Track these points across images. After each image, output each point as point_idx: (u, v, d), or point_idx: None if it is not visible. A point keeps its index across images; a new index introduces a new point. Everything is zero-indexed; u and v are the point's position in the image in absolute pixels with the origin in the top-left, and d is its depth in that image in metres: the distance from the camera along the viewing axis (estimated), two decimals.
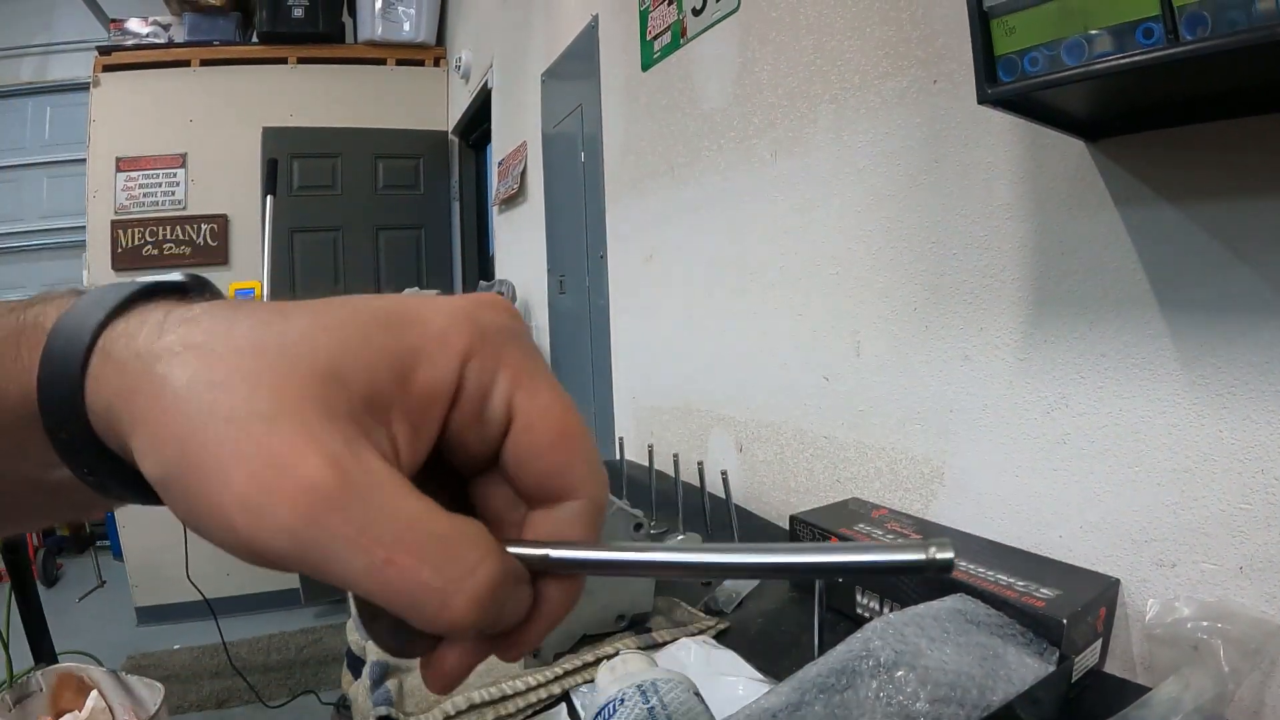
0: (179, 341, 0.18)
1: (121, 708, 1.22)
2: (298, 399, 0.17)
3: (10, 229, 4.59)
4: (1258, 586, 0.64)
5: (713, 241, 1.48)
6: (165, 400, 0.17)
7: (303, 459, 0.17)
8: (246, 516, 0.17)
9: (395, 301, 0.20)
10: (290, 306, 0.19)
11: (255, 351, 0.18)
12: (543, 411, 0.20)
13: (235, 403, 0.17)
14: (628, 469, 1.50)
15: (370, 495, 0.17)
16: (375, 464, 0.18)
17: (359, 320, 0.19)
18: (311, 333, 0.18)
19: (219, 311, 0.19)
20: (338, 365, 0.18)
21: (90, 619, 3.46)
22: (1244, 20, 0.46)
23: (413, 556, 0.17)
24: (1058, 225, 0.80)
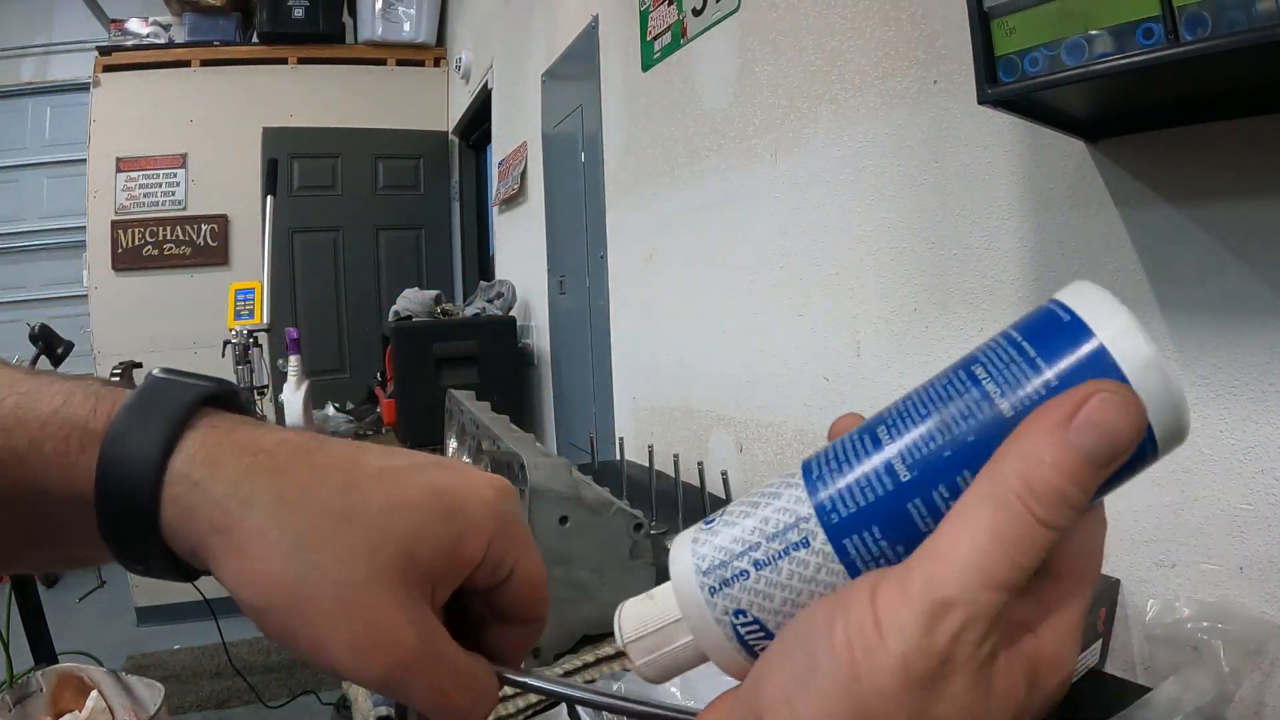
0: (272, 493, 0.23)
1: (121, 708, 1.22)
2: (387, 570, 0.23)
3: (10, 229, 4.58)
4: (1258, 586, 0.64)
5: (713, 242, 1.48)
6: (276, 551, 0.22)
7: (395, 624, 0.23)
8: (351, 660, 0.22)
9: (446, 486, 0.25)
10: (358, 470, 0.24)
11: (345, 520, 0.23)
12: (532, 571, 0.28)
13: (340, 568, 0.22)
14: (628, 469, 1.50)
15: (438, 655, 0.24)
16: (435, 624, 0.24)
17: (424, 506, 0.24)
18: (389, 510, 0.24)
19: (297, 462, 0.24)
20: (411, 546, 0.23)
21: (90, 619, 3.46)
22: (1244, 20, 0.46)
23: (458, 690, 0.25)
24: (1058, 225, 0.80)
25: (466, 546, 0.25)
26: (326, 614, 0.22)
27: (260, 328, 2.29)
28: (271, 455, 0.23)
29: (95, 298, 3.65)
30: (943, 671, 0.17)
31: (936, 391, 0.20)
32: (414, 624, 0.23)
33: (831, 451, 0.21)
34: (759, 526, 0.21)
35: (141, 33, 3.86)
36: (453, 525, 0.24)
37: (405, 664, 0.23)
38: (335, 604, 0.22)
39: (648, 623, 0.23)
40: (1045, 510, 0.17)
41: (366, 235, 3.96)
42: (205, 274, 3.72)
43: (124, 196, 3.67)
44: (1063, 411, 0.18)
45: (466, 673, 0.25)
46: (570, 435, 2.47)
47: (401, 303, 2.77)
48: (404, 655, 0.23)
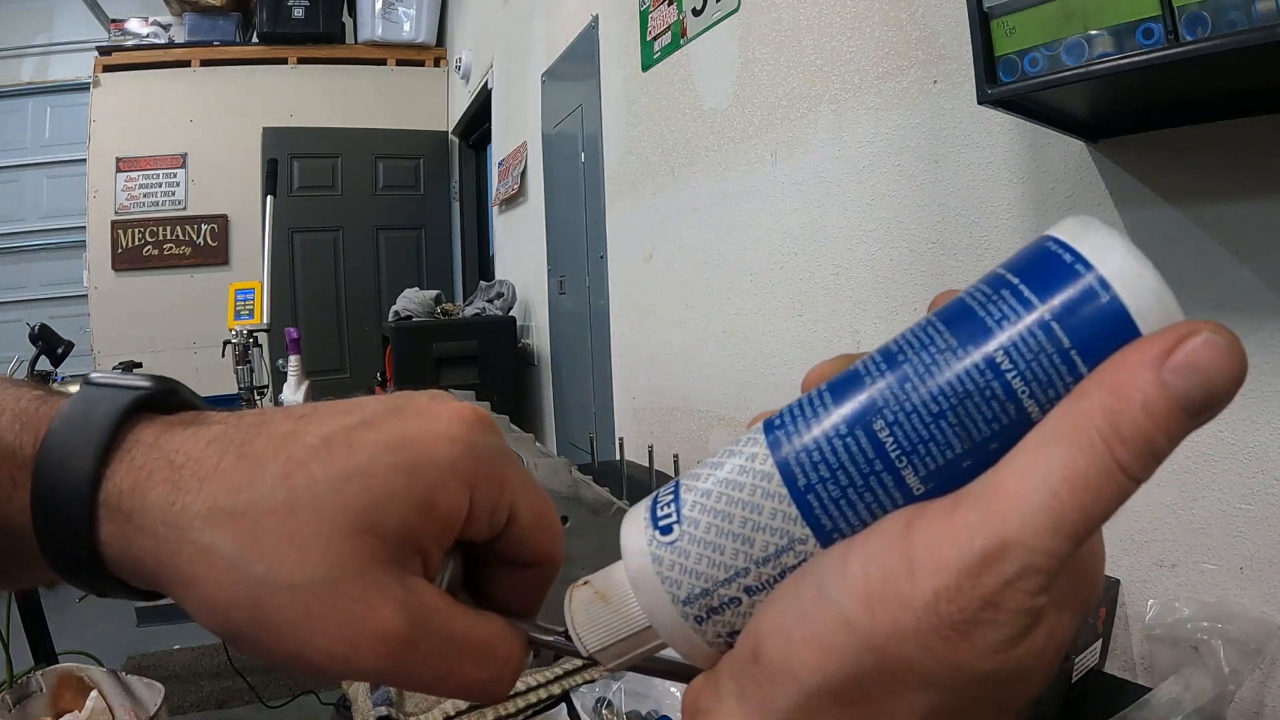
0: (203, 505, 0.20)
1: (121, 708, 1.22)
2: (350, 557, 0.20)
3: (10, 229, 4.58)
4: (1258, 586, 0.64)
5: (713, 242, 1.48)
6: (219, 572, 0.20)
7: (373, 613, 0.20)
8: (335, 665, 0.20)
9: (400, 430, 0.21)
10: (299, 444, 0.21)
11: (288, 511, 0.20)
12: (536, 510, 0.24)
13: (292, 570, 0.19)
14: (628, 469, 1.50)
15: (433, 627, 0.21)
16: (427, 595, 0.21)
17: (377, 467, 0.20)
18: (337, 485, 0.20)
19: (229, 458, 0.21)
20: (372, 517, 0.20)
21: (90, 619, 3.45)
22: (1244, 21, 0.46)
23: (467, 664, 0.22)
24: None
25: (443, 501, 0.21)
26: (293, 624, 0.20)
27: (260, 328, 2.29)
28: (200, 462, 0.21)
29: (95, 298, 3.65)
30: (982, 618, 0.15)
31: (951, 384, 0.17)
32: (397, 605, 0.20)
33: (817, 449, 0.18)
34: (742, 549, 0.18)
35: (141, 33, 3.86)
36: (419, 481, 0.21)
37: (397, 652, 0.20)
38: (300, 611, 0.19)
39: (614, 631, 0.21)
40: (1129, 456, 0.16)
41: (366, 235, 3.96)
42: (205, 274, 3.73)
43: (124, 196, 3.67)
44: (1159, 348, 0.15)
45: (476, 643, 0.22)
46: (570, 435, 2.47)
47: (401, 303, 2.77)
48: (393, 643, 0.20)
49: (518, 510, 0.24)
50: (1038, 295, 0.16)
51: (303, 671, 0.21)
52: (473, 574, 0.25)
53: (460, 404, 0.23)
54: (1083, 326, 0.16)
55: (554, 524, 0.25)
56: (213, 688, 2.74)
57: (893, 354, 0.18)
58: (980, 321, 0.17)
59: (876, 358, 0.18)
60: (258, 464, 0.20)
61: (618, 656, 0.22)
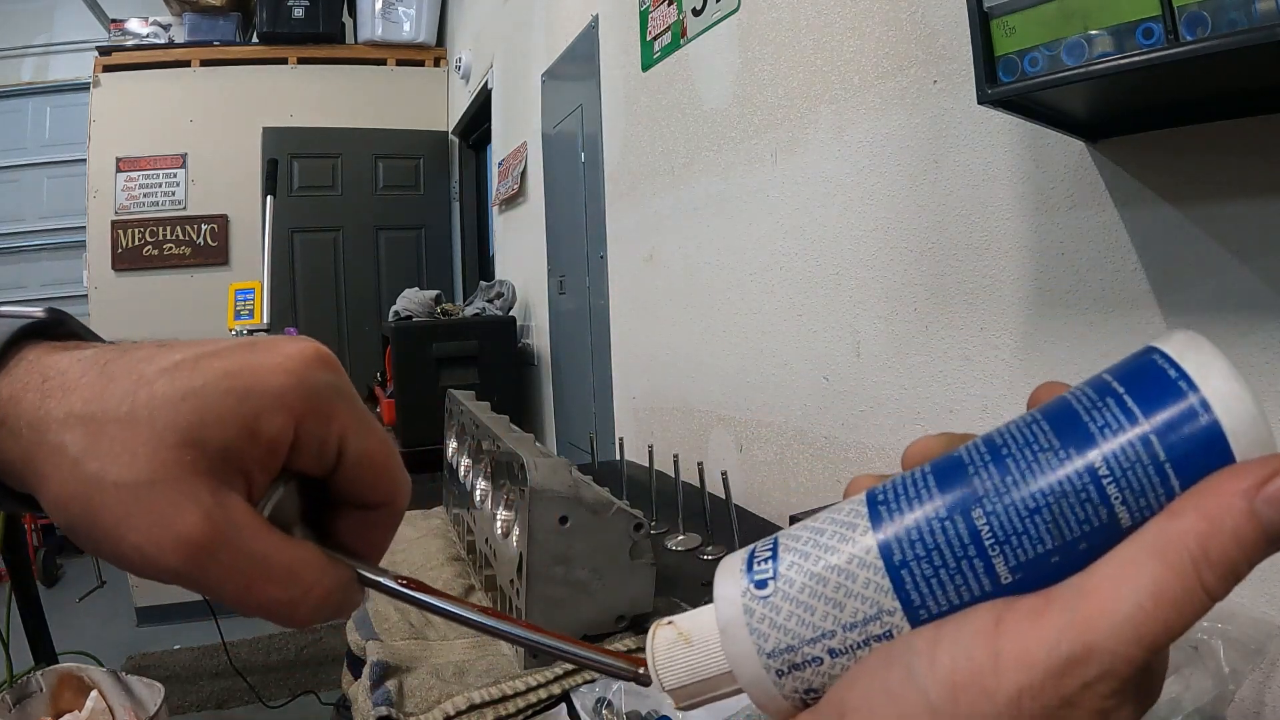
0: (62, 411, 0.22)
1: (121, 708, 1.22)
2: (172, 465, 0.22)
3: (10, 229, 4.58)
4: (1258, 587, 0.64)
5: (713, 242, 1.48)
6: (64, 469, 0.22)
7: (180, 516, 0.22)
8: (142, 562, 0.22)
9: (241, 361, 0.24)
10: (152, 365, 0.23)
11: (129, 420, 0.22)
12: (368, 449, 0.26)
13: (120, 471, 0.22)
14: (628, 469, 1.50)
15: (234, 540, 0.22)
16: (237, 512, 0.23)
17: (212, 388, 0.23)
18: (173, 401, 0.22)
19: (91, 374, 0.23)
20: (198, 433, 0.22)
21: (90, 619, 3.46)
22: (1244, 20, 0.46)
23: (267, 582, 0.23)
24: (1058, 225, 0.80)
25: (266, 427, 0.23)
26: (114, 521, 0.22)
27: (260, 328, 2.29)
28: (66, 375, 0.23)
29: (95, 298, 3.65)
30: (1059, 715, 0.16)
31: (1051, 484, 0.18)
32: (203, 513, 0.22)
33: (916, 529, 0.19)
34: (831, 611, 0.19)
35: (141, 33, 3.86)
36: (246, 406, 0.23)
37: (197, 557, 0.22)
38: (121, 508, 0.22)
39: (695, 673, 0.22)
40: (1214, 579, 0.17)
41: (366, 235, 3.96)
42: (205, 274, 3.72)
43: (124, 196, 3.67)
44: (1254, 478, 0.16)
45: (279, 563, 0.23)
46: (570, 435, 2.47)
47: (401, 303, 2.77)
48: (193, 548, 0.22)
49: (348, 447, 0.25)
50: (1141, 408, 0.17)
51: (124, 566, 0.23)
52: (320, 515, 0.27)
53: (308, 343, 0.25)
54: (1181, 444, 0.17)
55: (390, 466, 0.26)
56: (213, 688, 2.74)
57: (997, 446, 0.19)
58: (1084, 427, 0.18)
59: (981, 448, 0.20)
60: (113, 379, 0.23)
61: (691, 697, 0.22)
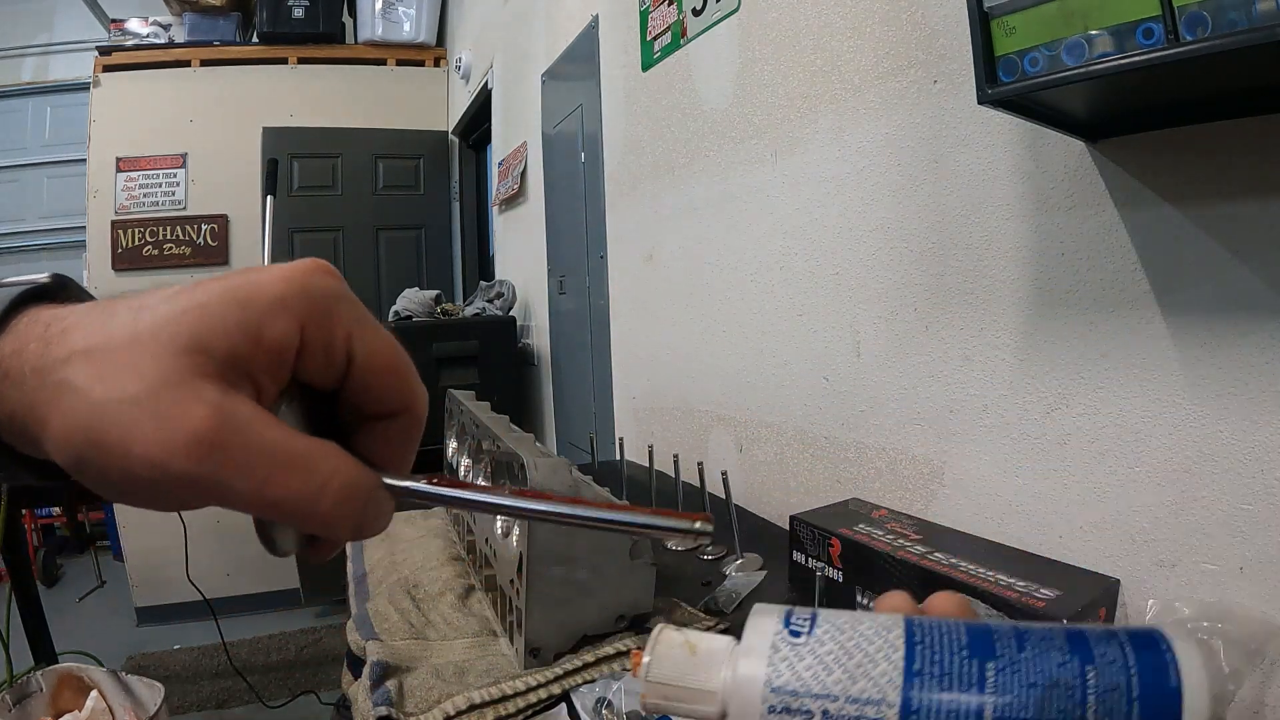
0: (65, 350, 0.22)
1: (121, 708, 1.22)
2: (174, 369, 0.21)
3: (10, 229, 4.58)
4: (1258, 586, 0.64)
5: (713, 242, 1.48)
6: (67, 400, 0.21)
7: (186, 413, 0.21)
8: (152, 471, 0.21)
9: (242, 278, 0.24)
10: (153, 297, 0.23)
11: (132, 342, 0.22)
12: (375, 350, 0.25)
13: (126, 385, 0.21)
14: (628, 469, 1.50)
15: (244, 431, 0.22)
16: (244, 406, 0.22)
17: (213, 300, 0.23)
18: (175, 317, 0.22)
19: (93, 315, 0.23)
20: (202, 339, 0.22)
21: (90, 619, 3.46)
22: (1244, 20, 0.46)
23: (284, 471, 0.22)
24: (1058, 225, 0.80)
25: (270, 331, 0.23)
26: (120, 437, 0.21)
27: None
28: (66, 320, 0.23)
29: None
30: None
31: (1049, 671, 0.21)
32: (210, 407, 0.21)
33: (943, 654, 0.22)
34: (844, 679, 0.22)
35: (141, 33, 3.86)
36: (249, 311, 0.23)
37: (208, 454, 0.21)
38: (128, 419, 0.21)
39: (683, 678, 0.23)
40: None
41: (366, 235, 3.96)
42: (205, 274, 3.60)
43: (124, 196, 3.67)
44: None
45: (294, 452, 0.22)
46: (570, 435, 2.47)
47: (401, 303, 2.77)
48: (203, 443, 0.21)
49: (355, 349, 0.25)
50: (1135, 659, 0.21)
51: (133, 492, 0.22)
52: (338, 437, 0.25)
53: (307, 259, 0.25)
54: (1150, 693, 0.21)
55: (402, 368, 0.26)
56: (213, 688, 2.74)
57: (1024, 636, 0.22)
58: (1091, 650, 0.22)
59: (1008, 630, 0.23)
60: (114, 314, 0.23)
61: (665, 699, 0.24)
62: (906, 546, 0.80)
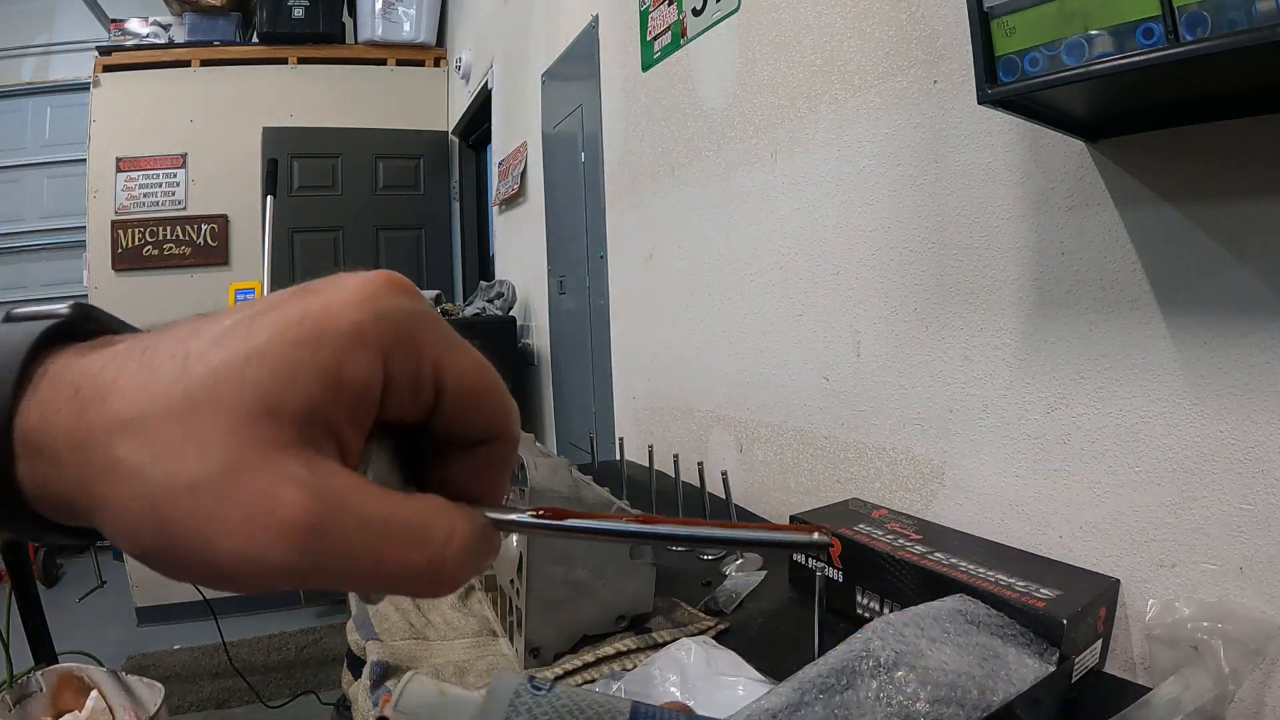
0: (106, 419, 0.18)
1: (121, 708, 1.22)
2: (248, 443, 0.18)
3: (10, 229, 4.58)
4: (1258, 586, 0.64)
5: (713, 242, 1.48)
6: (121, 486, 0.18)
7: (276, 500, 0.18)
8: (245, 569, 0.18)
9: (301, 305, 0.19)
10: (198, 339, 0.19)
11: (189, 409, 0.18)
12: (466, 375, 0.22)
13: (192, 470, 0.18)
14: (628, 469, 1.50)
15: (345, 509, 0.19)
16: (339, 477, 0.19)
17: (275, 342, 0.19)
18: (234, 370, 0.18)
19: (130, 366, 0.19)
20: (272, 397, 0.18)
21: (90, 619, 3.46)
22: (1244, 20, 0.46)
23: (397, 546, 0.19)
24: (1058, 225, 0.80)
25: (351, 372, 0.19)
26: (197, 529, 0.18)
27: None
28: (98, 378, 0.19)
29: (95, 298, 3.65)
30: None
31: None
32: (302, 487, 0.18)
33: None
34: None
35: (141, 33, 3.86)
36: (323, 353, 0.19)
37: (309, 541, 0.18)
38: (203, 514, 0.18)
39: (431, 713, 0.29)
40: None
41: (366, 235, 3.96)
42: (205, 274, 3.73)
43: (124, 196, 3.67)
44: None
45: (403, 520, 0.20)
46: (570, 435, 2.47)
47: None
48: (302, 531, 0.18)
49: (445, 377, 0.21)
50: None
51: (220, 586, 0.19)
52: (422, 468, 0.23)
53: (373, 271, 0.21)
54: None
55: (495, 390, 0.23)
56: (213, 688, 2.74)
57: None
58: None
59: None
60: (156, 368, 0.19)
61: None
62: (906, 546, 0.80)
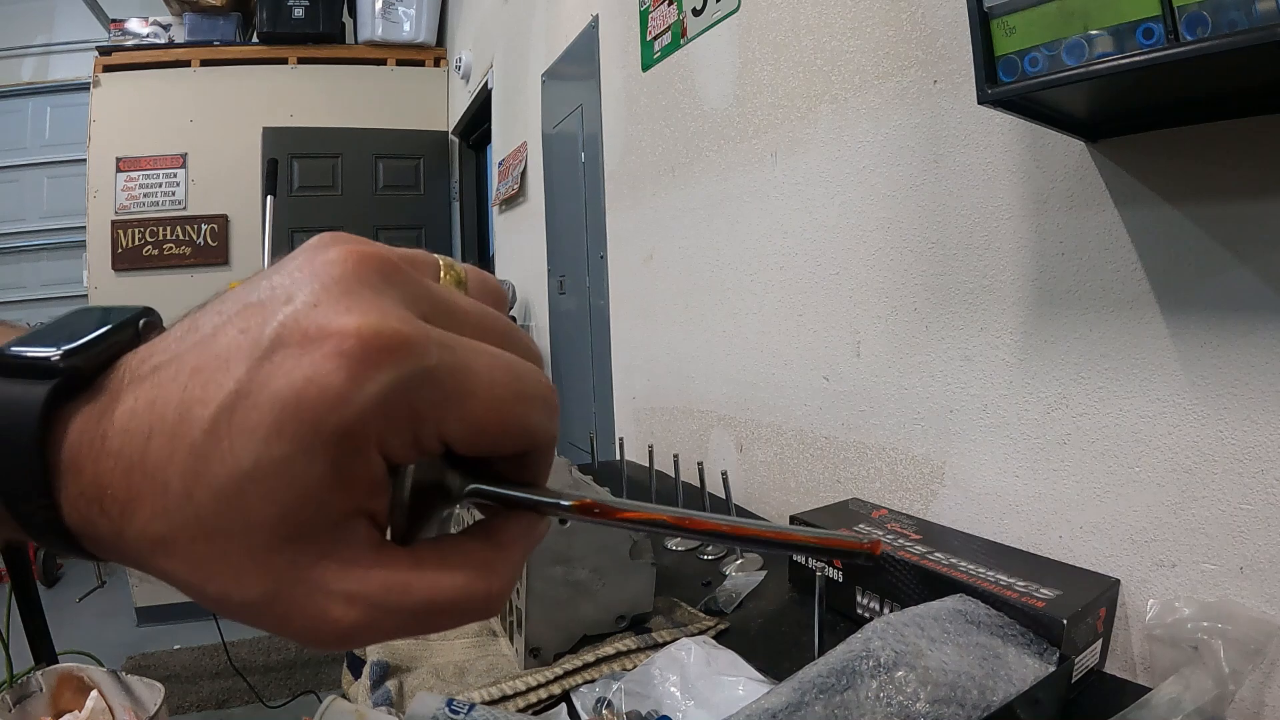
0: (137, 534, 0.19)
1: (121, 708, 1.22)
2: (282, 569, 0.19)
3: (10, 229, 4.59)
4: (1258, 586, 0.64)
5: (713, 242, 1.48)
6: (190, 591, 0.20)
7: (325, 619, 0.20)
8: (323, 649, 0.21)
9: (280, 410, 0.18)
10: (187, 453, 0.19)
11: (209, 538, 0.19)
12: (473, 421, 0.21)
13: (238, 593, 0.19)
14: (628, 469, 1.50)
15: (389, 606, 0.20)
16: (374, 577, 0.20)
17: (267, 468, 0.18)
18: (237, 502, 0.19)
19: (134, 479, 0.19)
20: (284, 528, 0.19)
21: (90, 619, 3.46)
22: (1244, 20, 0.46)
23: (443, 617, 0.21)
24: (1058, 225, 0.80)
25: (350, 473, 0.19)
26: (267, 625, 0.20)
27: None
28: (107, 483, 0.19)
29: (95, 298, 3.65)
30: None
31: None
32: (345, 602, 0.19)
33: None
34: None
35: (141, 33, 3.86)
36: (317, 465, 0.19)
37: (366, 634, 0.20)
38: (267, 622, 0.20)
39: None
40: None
41: (366, 235, 3.89)
42: (205, 274, 3.72)
43: (124, 196, 3.67)
44: None
45: (443, 601, 0.21)
46: (570, 435, 2.47)
47: None
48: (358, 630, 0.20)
49: (450, 434, 0.20)
50: None
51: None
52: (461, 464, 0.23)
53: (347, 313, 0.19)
54: None
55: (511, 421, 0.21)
56: (213, 688, 2.74)
57: None
58: None
59: None
60: (161, 482, 0.19)
61: None
62: (906, 546, 0.80)
